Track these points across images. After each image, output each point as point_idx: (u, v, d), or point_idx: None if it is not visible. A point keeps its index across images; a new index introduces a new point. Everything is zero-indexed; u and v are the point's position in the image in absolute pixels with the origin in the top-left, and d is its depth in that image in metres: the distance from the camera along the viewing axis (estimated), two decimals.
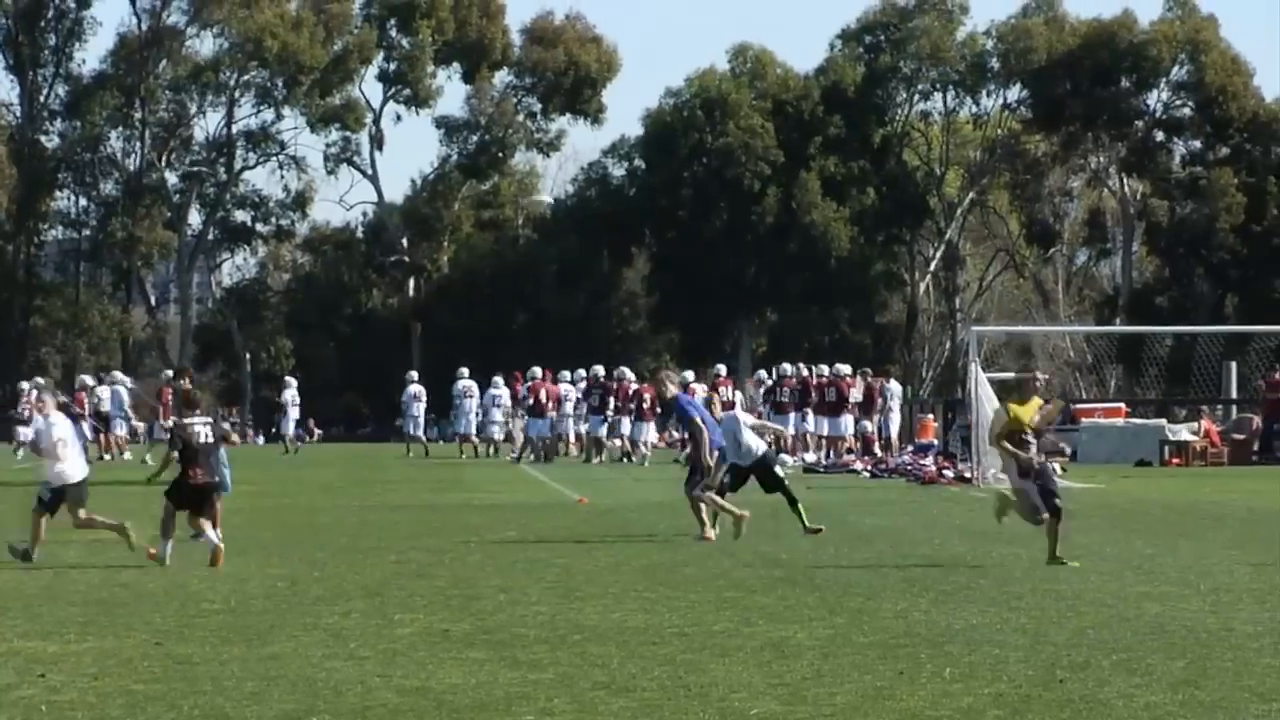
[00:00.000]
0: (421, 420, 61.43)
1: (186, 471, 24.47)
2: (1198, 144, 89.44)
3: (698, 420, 29.38)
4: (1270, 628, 17.84)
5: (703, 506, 27.69)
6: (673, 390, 30.14)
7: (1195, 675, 14.92)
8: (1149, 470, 50.68)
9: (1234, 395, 65.01)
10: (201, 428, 24.84)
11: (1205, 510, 30.12)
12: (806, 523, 28.16)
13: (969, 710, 13.35)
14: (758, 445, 30.48)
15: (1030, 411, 24.30)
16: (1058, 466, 45.69)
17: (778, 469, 30.33)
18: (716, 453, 28.63)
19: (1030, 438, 24.00)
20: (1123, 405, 64.81)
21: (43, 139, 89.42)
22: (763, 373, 58.10)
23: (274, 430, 62.30)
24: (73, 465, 24.95)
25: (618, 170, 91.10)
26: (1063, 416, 62.92)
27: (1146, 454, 52.99)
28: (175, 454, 25.02)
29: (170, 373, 59.90)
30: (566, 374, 55.34)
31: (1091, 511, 35.15)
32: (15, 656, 15.46)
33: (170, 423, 56.58)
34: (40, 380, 63.12)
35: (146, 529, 26.18)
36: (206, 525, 24.33)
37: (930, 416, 60.44)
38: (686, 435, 30.75)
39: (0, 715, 13.28)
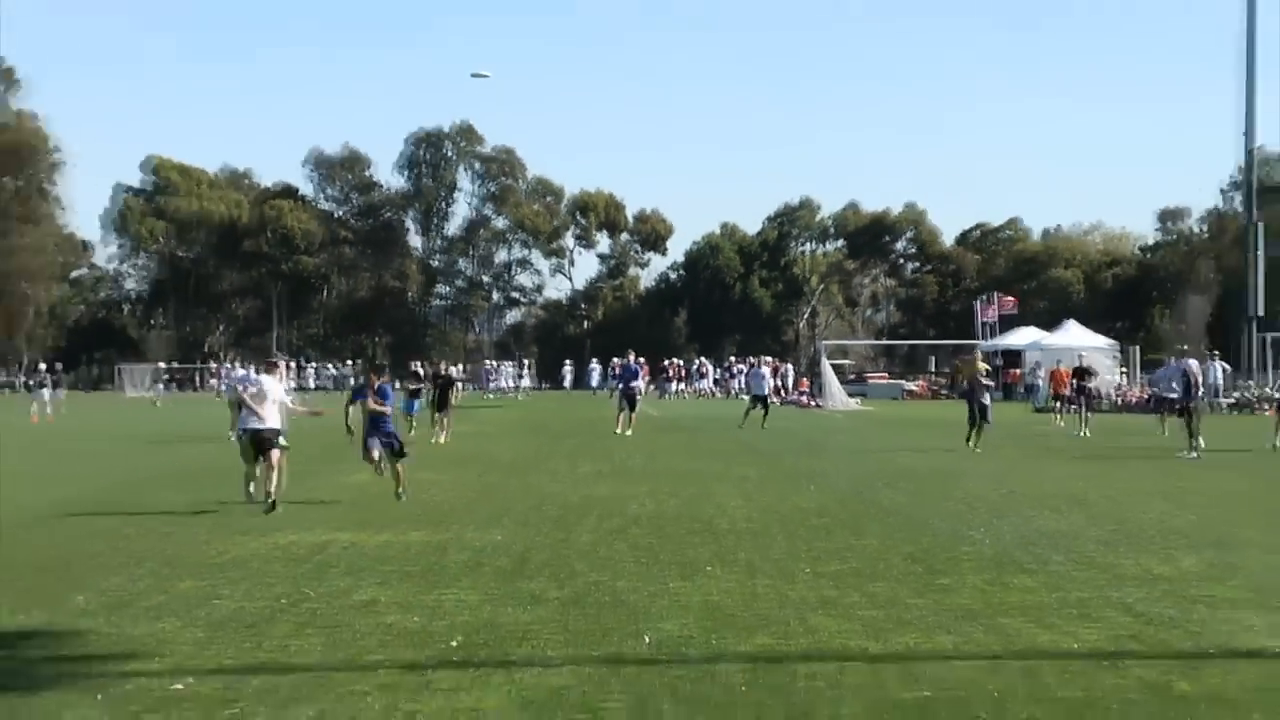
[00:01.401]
0: (570, 380, 61.07)
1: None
2: (916, 264, 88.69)
3: (636, 375, 27.69)
4: (949, 468, 17.64)
5: (623, 419, 26.21)
6: (630, 358, 28.56)
7: (917, 489, 14.79)
8: (898, 402, 50.06)
9: (932, 370, 65.02)
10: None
11: (921, 419, 29.76)
12: (763, 426, 27.85)
13: (822, 503, 13.27)
14: (766, 387, 29.69)
15: (976, 366, 23.05)
16: (857, 401, 45.10)
17: (768, 399, 29.27)
18: (634, 390, 27.00)
19: (984, 379, 22.59)
20: (886, 374, 64.14)
21: (431, 262, 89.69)
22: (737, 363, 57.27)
23: (490, 385, 59.71)
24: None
25: (673, 275, 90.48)
26: (857, 376, 62.01)
27: (896, 396, 52.44)
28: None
29: (527, 361, 60.26)
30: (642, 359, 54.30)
31: (873, 420, 34.84)
32: (421, 480, 15.49)
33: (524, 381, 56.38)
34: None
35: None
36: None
37: (805, 379, 59.95)
38: (623, 382, 27.62)
39: (414, 506, 13.34)
